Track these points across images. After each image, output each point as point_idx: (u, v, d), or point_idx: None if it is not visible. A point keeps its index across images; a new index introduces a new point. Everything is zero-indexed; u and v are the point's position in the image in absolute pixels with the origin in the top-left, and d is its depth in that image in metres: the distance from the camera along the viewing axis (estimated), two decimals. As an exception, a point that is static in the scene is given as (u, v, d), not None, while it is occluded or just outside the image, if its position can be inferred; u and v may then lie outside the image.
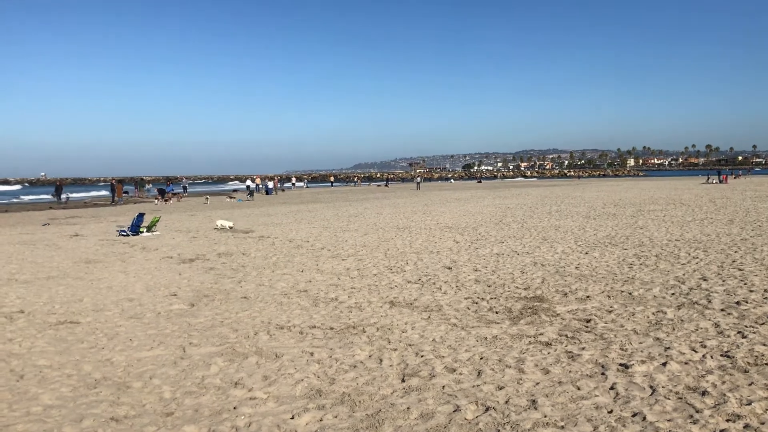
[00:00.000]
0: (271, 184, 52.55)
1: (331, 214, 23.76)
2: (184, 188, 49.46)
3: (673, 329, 6.16)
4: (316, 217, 22.67)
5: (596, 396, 4.57)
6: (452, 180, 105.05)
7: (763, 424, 4.06)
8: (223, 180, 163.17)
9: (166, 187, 40.47)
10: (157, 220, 17.71)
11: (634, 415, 4.24)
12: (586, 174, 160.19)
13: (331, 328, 6.54)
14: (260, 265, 10.97)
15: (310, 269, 10.38)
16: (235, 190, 52.05)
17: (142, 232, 16.66)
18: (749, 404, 4.33)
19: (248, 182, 57.05)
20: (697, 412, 4.27)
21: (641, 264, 9.97)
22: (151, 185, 43.58)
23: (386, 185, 74.32)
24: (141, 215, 17.35)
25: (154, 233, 16.80)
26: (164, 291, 8.74)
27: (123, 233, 16.53)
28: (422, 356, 5.57)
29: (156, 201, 36.97)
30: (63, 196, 44.65)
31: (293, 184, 71.48)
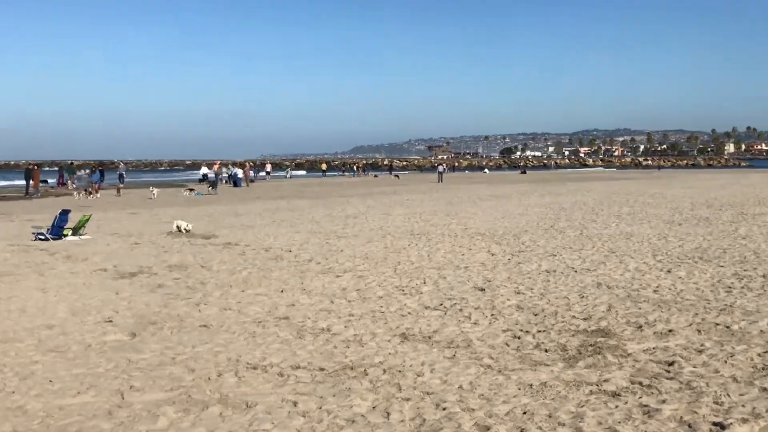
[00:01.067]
0: (240, 173, 52.62)
1: (321, 214, 23.80)
2: (121, 177, 49.61)
3: (787, 377, 6.12)
4: (302, 217, 22.71)
5: (681, 466, 4.54)
6: (487, 170, 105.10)
7: None
8: (176, 166, 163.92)
9: (91, 175, 40.22)
10: (87, 220, 17.83)
11: (732, 494, 4.21)
12: (669, 163, 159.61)
13: (322, 369, 6.55)
14: (226, 282, 11.00)
15: (293, 289, 10.40)
16: (201, 180, 51.92)
17: (66, 236, 16.76)
18: None
19: (204, 170, 56.67)
20: (819, 490, 4.23)
21: (743, 287, 9.91)
22: (83, 171, 43.29)
23: (394, 176, 74.29)
24: (65, 213, 17.45)
25: (82, 237, 16.89)
26: (96, 316, 8.78)
27: (41, 236, 16.64)
28: (444, 409, 5.57)
29: (76, 194, 36.80)
30: None
31: (267, 172, 71.61)
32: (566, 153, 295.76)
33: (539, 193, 36.68)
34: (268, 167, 74.88)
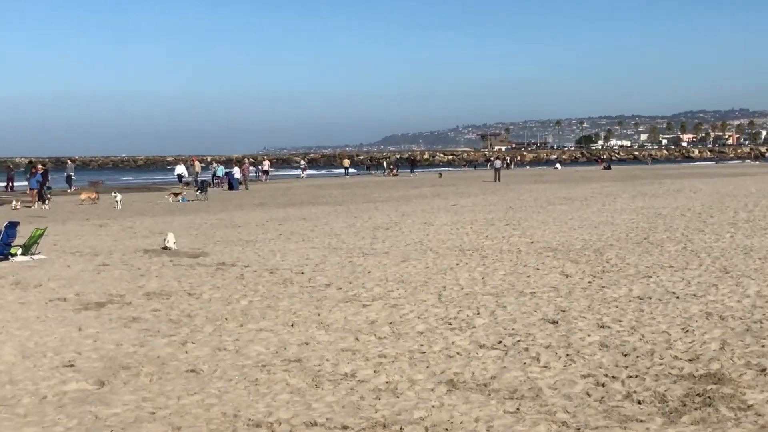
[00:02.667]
0: (238, 173, 53.08)
1: (342, 225, 23.84)
2: (69, 178, 50.16)
3: None
4: (318, 229, 22.77)
5: None
6: (559, 165, 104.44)
7: None
8: (154, 164, 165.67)
9: (30, 179, 40.26)
10: (40, 235, 18.05)
11: None
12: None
13: (345, 428, 6.54)
14: (219, 314, 11.05)
15: (306, 322, 10.42)
16: (180, 181, 52.36)
17: (14, 255, 16.96)
18: None
19: (180, 169, 57.00)
20: None
21: None
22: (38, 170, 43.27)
23: (437, 174, 74.19)
24: (12, 226, 17.67)
25: (34, 257, 17.09)
26: (53, 359, 8.85)
27: (-17, 257, 16.86)
28: (506, 480, 5.52)
29: (15, 202, 36.61)
30: None
31: (265, 171, 70.75)
32: (663, 142, 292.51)
33: (629, 194, 36.29)
34: (266, 165, 73.91)
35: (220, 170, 56.18)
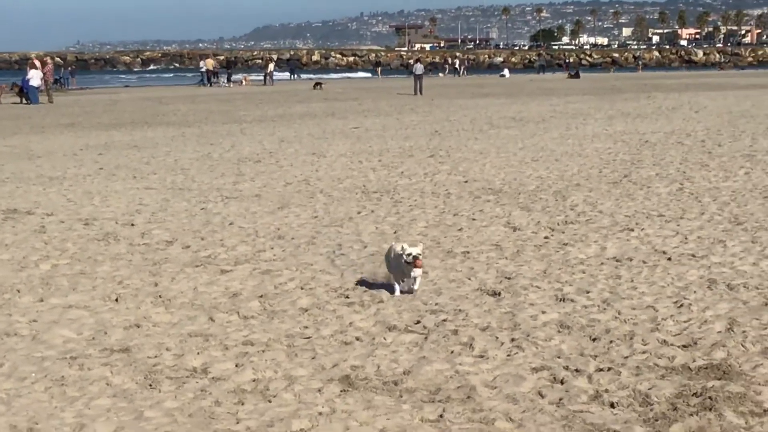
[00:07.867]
0: (37, 79, 51.80)
1: (192, 156, 23.65)
2: None
3: None
4: (156, 162, 22.54)
5: None
6: (507, 71, 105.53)
7: None
8: None
9: None
10: None
11: None
12: None
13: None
14: (8, 284, 10.86)
15: (137, 295, 10.31)
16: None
17: None
18: None
19: None
20: None
21: None
22: None
23: (315, 86, 73.59)
24: None
25: None
26: None
27: None
28: None
29: None
30: None
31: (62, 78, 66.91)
32: (655, 39, 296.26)
33: (604, 114, 36.63)
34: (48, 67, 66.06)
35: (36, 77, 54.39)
